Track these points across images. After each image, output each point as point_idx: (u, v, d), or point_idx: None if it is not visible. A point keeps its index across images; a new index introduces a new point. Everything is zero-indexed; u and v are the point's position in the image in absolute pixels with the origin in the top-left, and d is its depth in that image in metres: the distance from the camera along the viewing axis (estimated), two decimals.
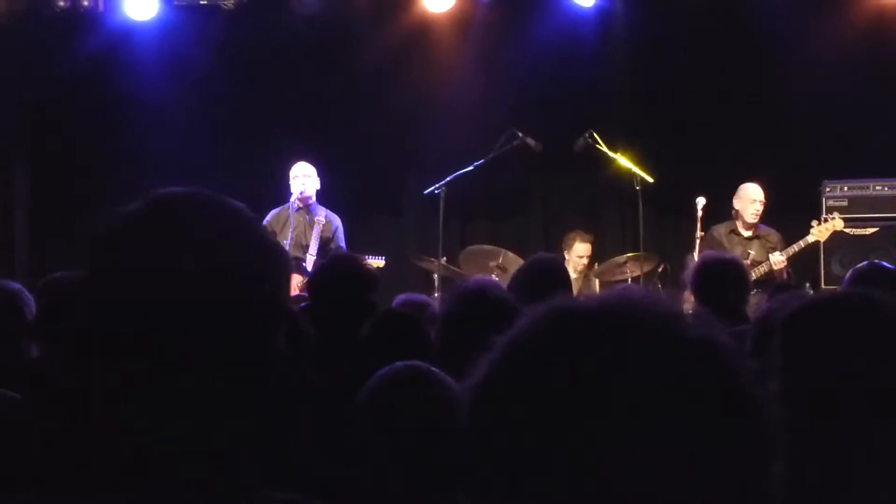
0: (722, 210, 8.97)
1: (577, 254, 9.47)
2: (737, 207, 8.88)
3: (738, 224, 8.86)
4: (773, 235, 8.84)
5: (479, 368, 1.09)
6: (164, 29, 10.00)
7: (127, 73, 10.14)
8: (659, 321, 1.08)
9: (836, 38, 9.31)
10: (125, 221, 1.47)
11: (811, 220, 8.68)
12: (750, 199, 8.81)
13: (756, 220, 8.79)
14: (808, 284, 8.51)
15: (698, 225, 8.72)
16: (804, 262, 9.06)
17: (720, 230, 8.95)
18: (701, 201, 8.76)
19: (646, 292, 1.15)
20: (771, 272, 8.43)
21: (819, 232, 8.65)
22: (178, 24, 9.99)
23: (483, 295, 3.25)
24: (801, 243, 8.59)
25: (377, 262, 8.65)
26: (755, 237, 8.81)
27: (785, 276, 8.48)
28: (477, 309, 3.13)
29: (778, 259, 8.51)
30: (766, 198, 8.82)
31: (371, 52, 10.01)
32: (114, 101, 10.33)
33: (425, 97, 10.14)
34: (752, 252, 8.61)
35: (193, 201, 1.50)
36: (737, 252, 8.35)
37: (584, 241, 9.57)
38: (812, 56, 9.38)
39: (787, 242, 8.70)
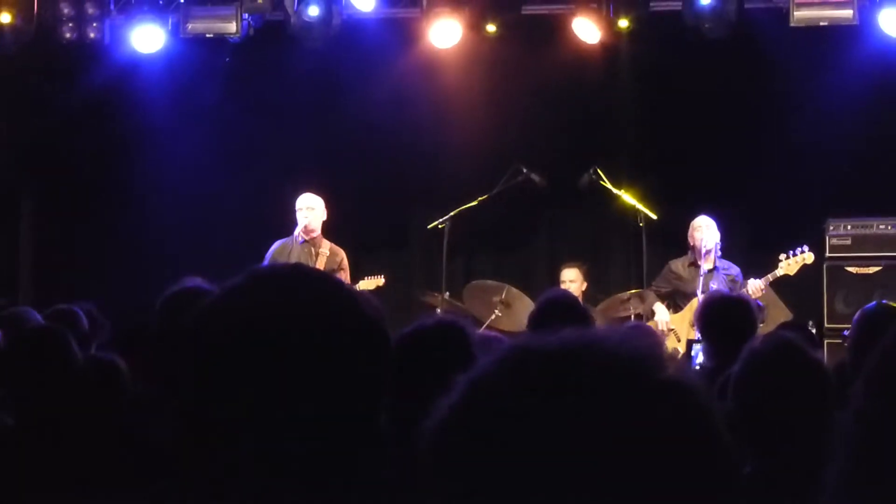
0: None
1: (569, 278, 9.38)
2: (691, 243, 8.76)
3: (696, 257, 8.70)
4: (733, 269, 8.70)
5: (437, 409, 1.08)
6: (170, 62, 10.03)
7: (133, 106, 10.17)
8: (625, 363, 1.06)
9: (842, 74, 9.30)
10: (229, 291, 1.54)
11: (780, 255, 8.47)
12: (695, 227, 8.69)
13: (708, 249, 8.53)
14: (811, 323, 8.44)
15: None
16: (807, 300, 9.02)
17: (678, 264, 8.86)
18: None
19: (616, 331, 1.13)
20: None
21: (788, 266, 8.46)
22: (184, 57, 10.02)
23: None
24: (770, 277, 8.42)
25: (376, 280, 8.61)
26: (714, 269, 8.61)
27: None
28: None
29: (758, 286, 8.36)
30: (721, 230, 8.67)
31: (377, 86, 10.03)
32: (121, 133, 10.37)
33: (431, 131, 10.16)
34: (714, 285, 8.47)
35: (294, 273, 1.59)
36: (697, 284, 8.35)
37: (570, 266, 9.45)
38: (818, 93, 9.36)
39: (753, 275, 8.53)
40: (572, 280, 9.46)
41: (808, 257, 8.50)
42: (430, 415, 1.09)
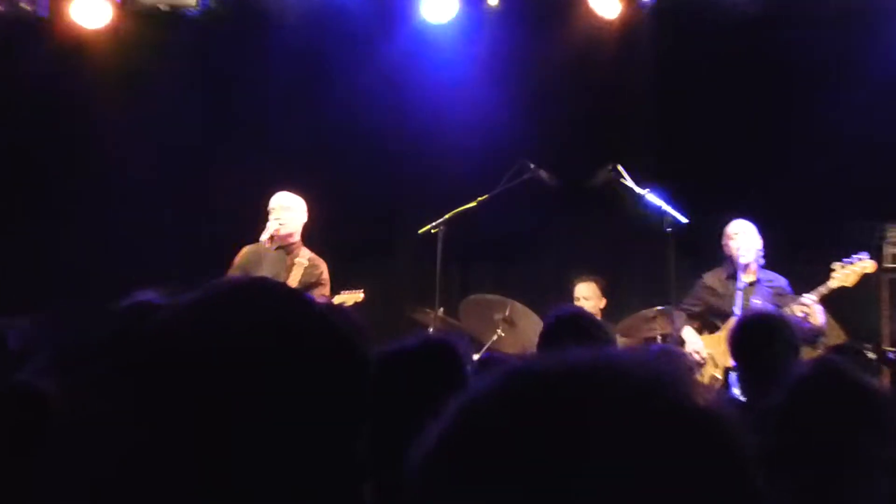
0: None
1: (583, 295, 9.45)
2: (727, 252, 8.82)
3: (733, 268, 8.73)
4: (779, 280, 8.72)
5: (425, 437, 1.10)
6: (118, 39, 10.00)
7: (75, 91, 10.14)
8: (639, 387, 1.07)
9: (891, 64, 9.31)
10: (191, 305, 1.58)
11: (833, 263, 8.43)
12: (730, 234, 8.77)
13: (746, 261, 8.60)
14: (868, 346, 8.40)
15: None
16: (861, 319, 9.00)
17: (712, 277, 8.92)
18: None
19: (633, 352, 1.14)
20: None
21: (844, 276, 8.37)
22: (134, 34, 10.00)
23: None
24: (823, 290, 8.34)
25: (355, 295, 8.57)
26: (756, 282, 8.67)
27: (820, 322, 8.25)
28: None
29: (809, 300, 8.28)
30: (763, 236, 8.73)
31: (361, 68, 10.02)
32: (62, 122, 10.33)
33: (423, 121, 10.15)
34: (756, 300, 8.48)
35: (257, 288, 1.63)
36: (737, 300, 8.38)
37: (584, 281, 9.57)
38: (871, 76, 9.37)
39: (799, 289, 8.54)
40: (587, 297, 9.49)
41: (869, 265, 8.45)
42: (417, 443, 1.10)
